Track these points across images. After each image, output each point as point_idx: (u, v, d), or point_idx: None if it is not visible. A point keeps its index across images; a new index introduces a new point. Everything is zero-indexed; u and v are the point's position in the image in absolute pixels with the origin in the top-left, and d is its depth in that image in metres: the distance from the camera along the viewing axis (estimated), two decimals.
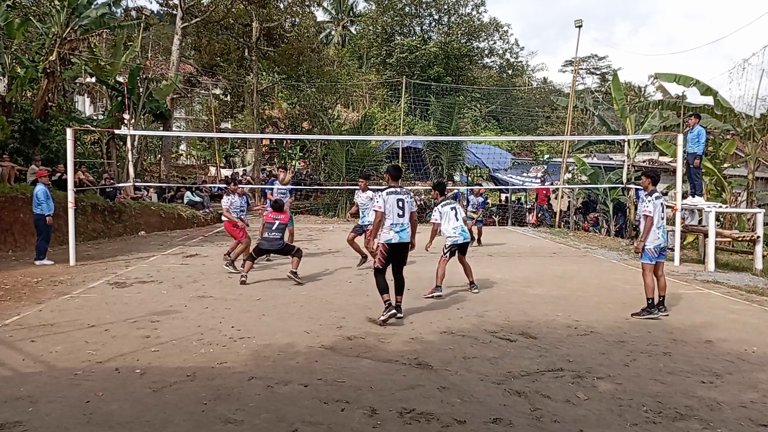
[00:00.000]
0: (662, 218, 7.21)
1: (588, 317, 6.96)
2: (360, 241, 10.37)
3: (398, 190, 6.70)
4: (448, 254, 8.28)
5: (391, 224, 6.54)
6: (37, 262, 10.34)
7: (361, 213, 10.63)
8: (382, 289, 6.53)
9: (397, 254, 6.64)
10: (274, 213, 9.27)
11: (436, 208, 8.47)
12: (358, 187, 11.13)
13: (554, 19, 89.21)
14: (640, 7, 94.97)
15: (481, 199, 14.88)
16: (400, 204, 6.60)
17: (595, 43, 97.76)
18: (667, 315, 7.14)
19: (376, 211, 6.63)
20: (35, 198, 10.42)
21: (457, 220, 8.35)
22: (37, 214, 10.44)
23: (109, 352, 5.33)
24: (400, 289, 6.73)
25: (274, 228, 9.08)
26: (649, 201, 7.11)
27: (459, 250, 8.44)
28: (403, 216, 6.57)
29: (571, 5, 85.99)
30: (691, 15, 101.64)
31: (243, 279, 8.80)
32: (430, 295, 8.01)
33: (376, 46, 39.19)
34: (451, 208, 8.36)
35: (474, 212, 14.42)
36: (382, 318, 6.41)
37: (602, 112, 25.68)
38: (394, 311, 6.45)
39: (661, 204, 7.20)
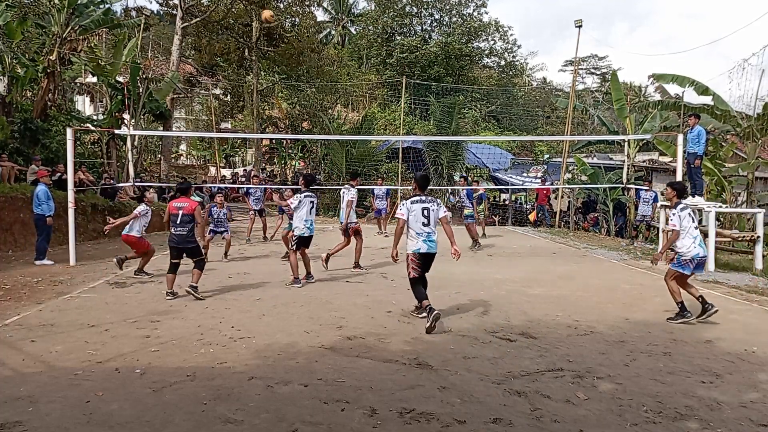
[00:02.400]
0: (695, 227, 6.89)
1: (588, 317, 6.95)
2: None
3: (423, 198, 6.55)
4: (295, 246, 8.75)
5: (417, 233, 6.45)
6: (37, 262, 10.35)
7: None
8: (421, 296, 6.47)
9: (427, 263, 6.53)
10: (177, 201, 7.73)
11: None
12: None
13: (550, 19, 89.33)
14: (638, 6, 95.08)
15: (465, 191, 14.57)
16: (425, 213, 6.46)
17: (592, 42, 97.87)
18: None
19: (398, 218, 6.57)
20: (36, 198, 10.42)
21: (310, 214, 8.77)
22: (38, 214, 10.44)
23: (109, 352, 5.33)
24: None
25: (178, 221, 7.57)
26: (674, 214, 6.89)
27: (303, 243, 8.82)
28: (428, 225, 6.44)
29: (567, 5, 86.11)
30: (688, 14, 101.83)
31: (170, 297, 7.63)
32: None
33: (376, 46, 39.17)
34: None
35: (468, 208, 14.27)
36: (427, 325, 6.13)
37: (602, 112, 25.67)
38: (437, 313, 6.19)
39: (689, 214, 6.90)
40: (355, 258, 10.20)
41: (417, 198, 6.55)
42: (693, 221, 6.91)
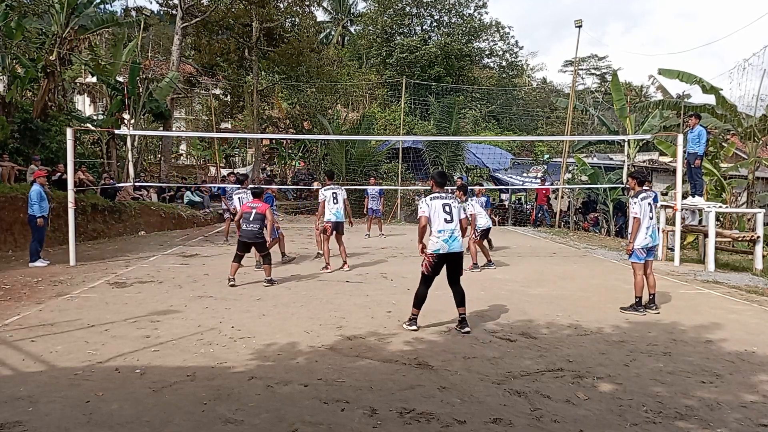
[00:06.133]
0: (651, 218, 7.29)
1: (588, 317, 6.95)
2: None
3: (443, 195, 6.33)
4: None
5: (439, 231, 6.12)
6: (31, 265, 10.09)
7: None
8: (418, 299, 6.21)
9: (448, 265, 6.20)
10: (251, 201, 8.89)
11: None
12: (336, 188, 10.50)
13: (546, 19, 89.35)
14: (633, 6, 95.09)
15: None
16: (447, 209, 6.16)
17: (590, 42, 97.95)
18: (658, 313, 7.22)
19: (420, 216, 6.29)
20: (29, 199, 10.38)
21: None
22: (29, 215, 10.35)
23: (109, 352, 5.33)
24: (460, 301, 6.24)
25: (251, 218, 8.63)
26: (635, 203, 7.21)
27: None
28: (451, 221, 6.12)
29: (563, 5, 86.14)
30: (682, 14, 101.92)
31: (232, 283, 8.56)
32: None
33: (376, 46, 39.16)
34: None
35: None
36: (406, 327, 6.23)
37: (602, 112, 25.68)
38: (416, 327, 6.17)
39: (648, 204, 7.30)
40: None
41: (437, 195, 6.30)
42: (650, 212, 7.28)
